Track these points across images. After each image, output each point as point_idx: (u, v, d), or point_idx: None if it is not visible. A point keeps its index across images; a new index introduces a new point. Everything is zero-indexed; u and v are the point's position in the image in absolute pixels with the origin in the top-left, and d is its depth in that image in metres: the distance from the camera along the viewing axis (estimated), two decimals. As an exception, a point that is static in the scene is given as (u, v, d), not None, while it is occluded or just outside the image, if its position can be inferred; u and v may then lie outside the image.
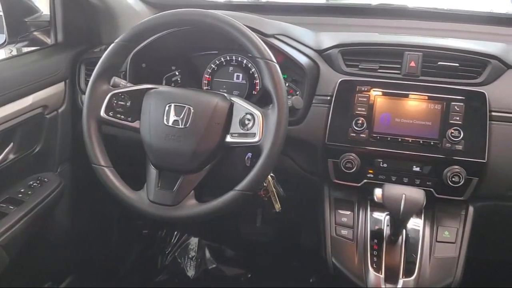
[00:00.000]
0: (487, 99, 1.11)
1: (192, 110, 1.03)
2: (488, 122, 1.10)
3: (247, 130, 1.02)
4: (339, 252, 1.16)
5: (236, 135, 1.03)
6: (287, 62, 1.24)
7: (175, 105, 1.04)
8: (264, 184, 1.20)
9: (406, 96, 1.15)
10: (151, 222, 1.90)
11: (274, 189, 1.21)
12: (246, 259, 1.95)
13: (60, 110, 1.42)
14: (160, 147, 1.04)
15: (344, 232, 1.17)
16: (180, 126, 1.03)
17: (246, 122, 1.03)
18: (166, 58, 1.36)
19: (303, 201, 1.44)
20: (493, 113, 1.12)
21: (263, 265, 1.90)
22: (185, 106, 1.04)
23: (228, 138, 1.04)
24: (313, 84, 1.23)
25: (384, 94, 1.17)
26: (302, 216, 1.59)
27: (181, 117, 1.03)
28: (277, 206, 1.22)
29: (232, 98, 1.07)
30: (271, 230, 1.81)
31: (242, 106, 1.04)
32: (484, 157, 1.09)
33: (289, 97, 1.17)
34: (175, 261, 1.96)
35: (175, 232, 1.99)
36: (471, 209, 1.16)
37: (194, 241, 1.99)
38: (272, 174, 1.20)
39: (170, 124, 1.03)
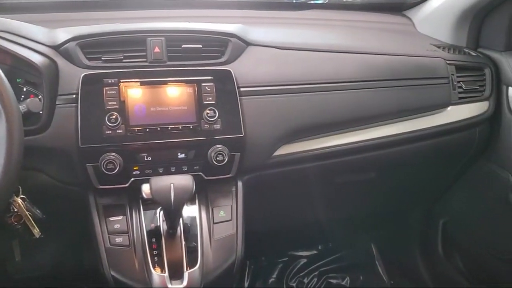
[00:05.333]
0: (234, 76, 1.15)
1: None
2: (238, 98, 1.14)
3: (-31, 149, 0.83)
4: (117, 263, 1.06)
5: (-44, 157, 0.83)
6: (18, 63, 1.07)
7: None
8: (14, 209, 1.01)
9: (157, 83, 1.11)
10: None
11: (28, 212, 1.03)
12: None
13: None
14: None
15: (119, 239, 1.07)
16: None
17: None
18: None
19: (71, 216, 1.27)
20: (241, 89, 1.16)
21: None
22: None
23: None
24: (53, 83, 1.08)
25: (134, 84, 1.10)
26: (75, 233, 1.42)
27: None
28: (36, 231, 1.04)
29: None
30: (45, 259, 1.57)
31: None
32: (241, 132, 1.13)
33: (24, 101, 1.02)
34: None
35: None
36: (239, 184, 1.19)
37: None
38: (22, 196, 1.02)
39: None
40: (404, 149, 1.37)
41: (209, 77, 1.13)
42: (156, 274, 1.04)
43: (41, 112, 1.05)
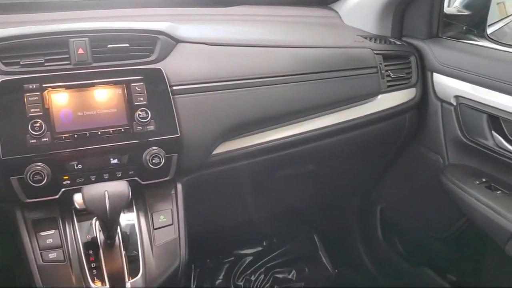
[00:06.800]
0: (165, 75, 1.11)
1: None
2: (171, 97, 1.10)
3: None
4: (52, 280, 0.99)
5: None
6: None
7: None
8: None
9: (83, 86, 1.05)
10: None
11: None
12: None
13: None
14: None
15: (52, 255, 1.00)
16: None
17: None
18: None
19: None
20: (174, 87, 1.12)
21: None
22: None
23: None
24: (-35, 92, 0.99)
25: (58, 88, 1.03)
26: (5, 252, 1.31)
27: None
28: (-44, 255, 0.95)
29: None
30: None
31: None
32: (176, 132, 1.09)
33: None
34: None
35: None
36: (179, 186, 1.16)
37: None
38: None
39: None
40: (339, 140, 1.40)
41: (139, 77, 1.08)
42: (96, 288, 0.98)
43: (-47, 124, 0.96)
